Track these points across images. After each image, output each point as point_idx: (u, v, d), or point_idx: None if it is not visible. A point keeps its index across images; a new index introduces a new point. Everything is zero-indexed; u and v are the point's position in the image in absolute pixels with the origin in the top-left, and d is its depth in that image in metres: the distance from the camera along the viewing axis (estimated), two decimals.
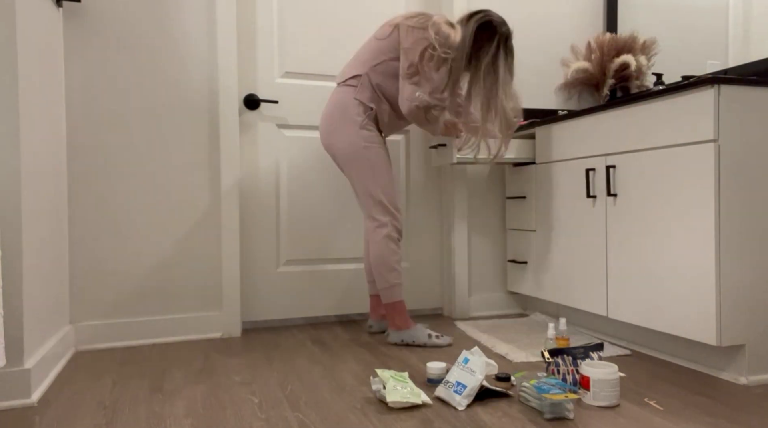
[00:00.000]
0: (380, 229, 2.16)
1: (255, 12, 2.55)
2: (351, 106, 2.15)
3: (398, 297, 2.18)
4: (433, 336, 2.18)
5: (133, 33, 2.29)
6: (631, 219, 2.00)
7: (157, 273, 2.33)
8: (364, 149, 2.15)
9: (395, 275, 2.17)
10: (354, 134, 2.14)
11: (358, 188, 2.19)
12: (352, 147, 2.14)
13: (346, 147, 2.15)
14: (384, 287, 2.17)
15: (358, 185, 2.18)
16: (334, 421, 1.45)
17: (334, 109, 2.18)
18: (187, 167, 2.37)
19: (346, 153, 2.16)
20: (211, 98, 2.41)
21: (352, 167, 2.17)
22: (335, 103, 2.19)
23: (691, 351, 1.90)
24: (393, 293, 2.18)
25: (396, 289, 2.18)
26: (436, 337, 2.18)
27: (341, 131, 2.16)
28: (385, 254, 2.15)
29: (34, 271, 1.73)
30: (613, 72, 2.78)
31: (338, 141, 2.17)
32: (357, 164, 2.15)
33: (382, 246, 2.15)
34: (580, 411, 1.50)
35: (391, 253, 2.16)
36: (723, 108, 1.69)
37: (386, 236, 2.16)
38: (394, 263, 2.17)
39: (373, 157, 2.16)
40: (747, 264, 1.73)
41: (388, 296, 2.18)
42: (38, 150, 1.81)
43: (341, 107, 2.16)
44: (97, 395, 1.67)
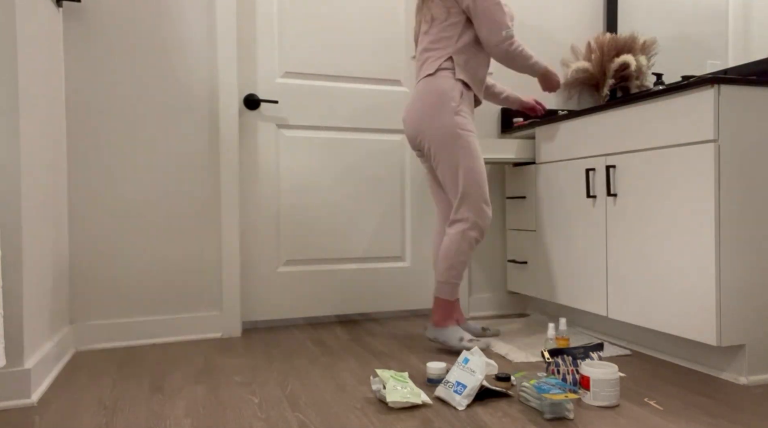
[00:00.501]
0: (459, 224, 2.08)
1: (255, 12, 2.55)
2: (448, 90, 2.06)
3: (448, 296, 2.10)
4: (465, 340, 2.06)
5: (133, 33, 2.29)
6: (631, 219, 2.00)
7: (157, 273, 2.33)
8: (459, 137, 2.05)
9: (454, 274, 2.08)
10: (449, 120, 2.04)
11: (448, 178, 2.08)
12: (447, 134, 2.04)
13: (440, 133, 2.05)
14: (441, 280, 2.09)
15: (449, 176, 2.08)
16: (334, 421, 1.45)
17: (426, 95, 2.08)
18: (187, 167, 2.37)
19: (439, 140, 2.06)
20: (211, 98, 2.41)
21: (443, 154, 2.06)
22: (428, 91, 2.08)
23: (691, 351, 1.90)
24: (444, 290, 2.09)
25: (449, 288, 2.09)
26: (468, 341, 2.06)
27: (434, 117, 2.06)
28: (453, 251, 2.06)
29: (34, 271, 1.73)
30: (613, 72, 2.78)
31: (430, 127, 2.06)
32: (450, 154, 2.05)
33: (455, 242, 2.07)
34: (580, 411, 1.50)
35: (461, 253, 2.06)
36: (723, 108, 1.69)
37: (462, 232, 2.06)
38: (459, 264, 2.07)
39: (470, 146, 2.07)
40: (747, 264, 1.73)
41: (439, 290, 2.10)
42: (38, 150, 1.81)
43: (437, 92, 2.06)
44: (97, 395, 1.67)
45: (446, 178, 2.10)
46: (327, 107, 2.65)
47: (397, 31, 2.76)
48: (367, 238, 2.73)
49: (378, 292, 2.74)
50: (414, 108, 2.13)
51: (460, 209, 2.08)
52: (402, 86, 2.78)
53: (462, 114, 2.07)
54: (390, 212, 2.76)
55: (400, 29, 2.76)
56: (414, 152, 2.31)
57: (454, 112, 2.06)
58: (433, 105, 2.07)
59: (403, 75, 2.78)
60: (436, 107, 2.06)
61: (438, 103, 2.06)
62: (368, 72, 2.71)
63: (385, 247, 2.76)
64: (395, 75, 2.76)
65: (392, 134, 2.77)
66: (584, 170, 2.23)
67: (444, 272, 2.09)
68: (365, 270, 2.72)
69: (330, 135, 2.67)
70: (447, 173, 2.09)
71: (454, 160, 2.06)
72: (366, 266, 2.73)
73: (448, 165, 2.07)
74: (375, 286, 2.74)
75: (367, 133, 2.72)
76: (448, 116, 2.05)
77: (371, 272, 2.73)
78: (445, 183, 2.12)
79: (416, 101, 2.12)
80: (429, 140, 2.09)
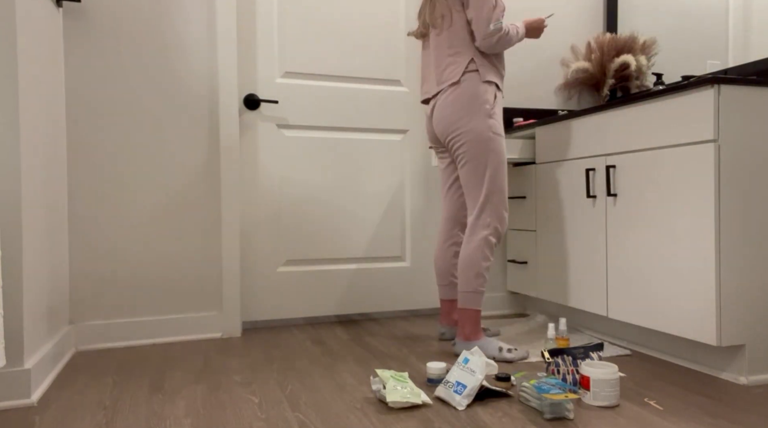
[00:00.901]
0: (482, 230, 2.04)
1: (255, 12, 2.55)
2: (481, 93, 2.03)
3: (477, 306, 2.03)
4: (504, 350, 1.99)
5: (132, 33, 2.29)
6: (631, 219, 2.00)
7: (157, 273, 2.33)
8: (490, 140, 2.03)
9: (481, 282, 2.03)
10: (482, 123, 2.02)
11: (472, 180, 2.05)
12: (480, 136, 2.02)
13: (473, 136, 2.02)
14: (466, 290, 2.03)
15: (474, 178, 2.04)
16: (334, 421, 1.45)
17: (458, 97, 2.04)
18: (187, 166, 2.37)
19: (472, 141, 2.02)
20: (211, 98, 2.41)
21: (472, 157, 2.03)
22: (459, 94, 2.04)
23: (691, 351, 1.90)
24: (473, 300, 2.03)
25: (478, 297, 2.03)
26: (507, 351, 1.99)
27: (468, 118, 2.02)
28: (478, 258, 2.02)
29: (34, 271, 1.73)
30: (613, 72, 2.78)
31: (464, 128, 2.03)
32: (480, 156, 2.03)
33: (478, 249, 2.02)
34: (580, 411, 1.50)
35: (484, 258, 2.03)
36: (723, 108, 1.69)
37: (485, 238, 2.03)
38: (484, 269, 2.03)
39: (499, 150, 2.05)
40: (747, 264, 1.73)
41: (467, 301, 2.03)
42: (38, 150, 1.81)
43: (469, 94, 2.03)
44: (97, 395, 1.67)
45: (470, 180, 2.06)
46: (327, 107, 2.65)
47: (397, 31, 2.75)
48: (367, 238, 2.73)
49: (378, 292, 2.74)
50: (444, 108, 2.07)
51: (482, 214, 2.04)
52: (402, 86, 2.78)
53: (495, 117, 2.06)
54: (390, 212, 2.76)
55: (400, 29, 2.76)
56: (433, 148, 2.28)
57: (488, 114, 2.03)
58: (465, 106, 2.03)
59: (403, 75, 2.78)
60: (468, 108, 2.02)
61: (472, 105, 2.02)
62: (368, 72, 2.72)
63: (385, 247, 2.76)
64: (395, 75, 2.76)
65: (392, 134, 2.77)
66: (584, 170, 2.23)
67: (472, 280, 2.03)
68: (365, 270, 2.72)
69: (330, 135, 2.67)
70: (472, 175, 2.05)
71: (483, 163, 2.03)
72: (366, 266, 2.73)
73: (476, 168, 2.04)
74: (375, 286, 2.74)
75: (367, 133, 2.72)
76: (483, 118, 2.02)
77: (371, 272, 2.73)
78: (467, 185, 2.08)
79: (446, 103, 2.07)
80: (461, 139, 2.04)
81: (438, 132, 2.13)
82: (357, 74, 2.70)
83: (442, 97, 2.09)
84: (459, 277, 2.06)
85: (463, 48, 2.07)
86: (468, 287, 2.03)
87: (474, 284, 2.02)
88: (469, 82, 2.04)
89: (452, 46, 2.08)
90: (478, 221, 2.05)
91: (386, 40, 2.74)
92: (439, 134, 2.13)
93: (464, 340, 2.04)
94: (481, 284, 2.03)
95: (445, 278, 2.26)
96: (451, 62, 2.08)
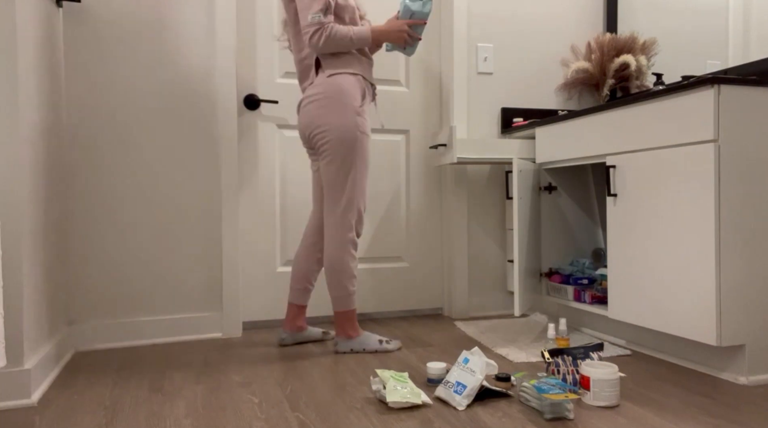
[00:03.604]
0: (346, 232, 2.02)
1: (255, 12, 2.55)
2: (345, 86, 1.98)
3: (353, 306, 2.08)
4: (383, 342, 2.10)
5: (133, 32, 2.29)
6: (631, 219, 2.00)
7: (157, 273, 2.33)
8: (357, 139, 1.98)
9: (354, 282, 2.06)
10: (349, 120, 1.97)
11: (334, 179, 2.00)
12: (344, 134, 1.97)
13: (337, 133, 1.97)
14: (341, 294, 2.05)
15: (337, 177, 2.00)
16: (334, 421, 1.45)
17: (323, 92, 1.98)
18: (187, 166, 2.37)
19: (335, 139, 1.97)
20: (211, 98, 2.41)
21: (335, 156, 1.98)
22: (324, 89, 1.98)
23: (691, 351, 1.90)
24: (348, 302, 2.06)
25: (352, 298, 2.07)
26: (386, 342, 2.11)
27: (332, 114, 1.97)
28: (347, 259, 2.02)
29: (34, 271, 1.73)
30: (613, 72, 2.78)
31: (327, 124, 1.97)
32: (343, 155, 1.98)
33: (344, 250, 2.02)
34: (580, 411, 1.50)
35: (352, 258, 2.04)
36: (723, 108, 1.69)
37: (351, 240, 2.02)
38: (354, 269, 2.05)
39: (364, 150, 2.02)
40: (747, 264, 1.73)
41: (344, 304, 2.06)
42: (38, 150, 1.81)
43: (334, 89, 1.98)
44: (97, 395, 1.67)
45: (332, 179, 2.01)
46: None
47: None
48: (367, 238, 2.73)
49: (378, 292, 2.74)
50: (308, 105, 2.02)
51: (346, 215, 2.02)
52: (402, 86, 2.78)
53: (363, 115, 2.02)
54: (390, 212, 2.76)
55: None
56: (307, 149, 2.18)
57: (355, 111, 1.99)
58: (330, 101, 1.97)
59: (403, 75, 2.78)
60: (333, 103, 1.97)
61: (335, 100, 1.97)
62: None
63: (385, 247, 2.76)
64: (395, 75, 2.76)
65: (392, 134, 2.77)
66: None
67: (345, 283, 2.04)
68: (365, 270, 2.72)
69: None
70: (336, 175, 2.00)
71: (346, 164, 1.99)
72: (366, 266, 2.73)
73: (340, 167, 1.99)
74: (375, 286, 2.74)
75: None
76: (351, 116, 1.97)
77: (371, 272, 2.73)
78: (328, 183, 2.02)
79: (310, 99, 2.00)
80: (325, 137, 1.99)
81: (302, 129, 2.08)
82: None
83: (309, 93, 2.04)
84: (329, 281, 2.05)
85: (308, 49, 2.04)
86: (342, 291, 2.05)
87: (348, 287, 2.05)
88: (337, 78, 1.98)
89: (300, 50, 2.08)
90: (341, 222, 2.02)
91: None
92: (303, 130, 2.07)
93: (346, 338, 2.09)
94: (353, 284, 2.06)
95: (301, 282, 2.20)
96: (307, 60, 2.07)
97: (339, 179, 2.01)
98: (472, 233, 2.80)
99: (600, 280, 2.34)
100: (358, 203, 2.04)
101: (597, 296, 2.24)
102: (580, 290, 2.31)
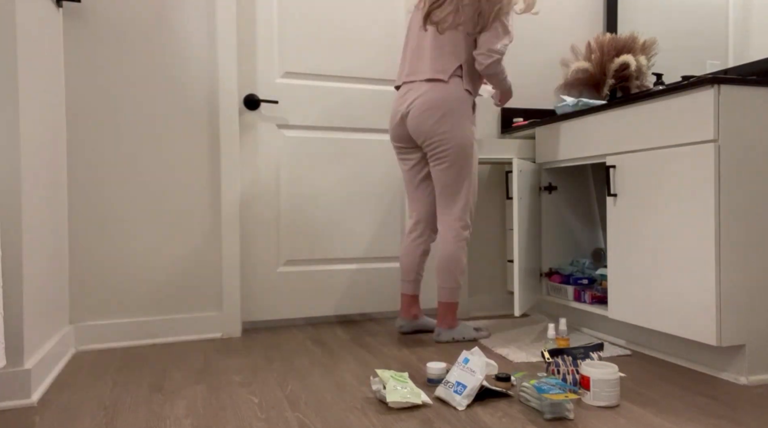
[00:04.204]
0: (463, 230, 2.19)
1: (255, 12, 2.55)
2: (464, 99, 2.13)
3: (458, 298, 2.24)
4: (478, 331, 2.28)
5: (133, 33, 2.29)
6: (631, 219, 2.00)
7: (157, 273, 2.33)
8: (472, 147, 2.15)
9: (463, 278, 2.23)
10: (468, 130, 2.14)
11: (452, 183, 2.17)
12: (464, 142, 2.13)
13: (458, 141, 2.12)
14: (451, 286, 2.20)
15: (454, 182, 2.16)
16: (334, 421, 1.45)
17: (443, 99, 2.11)
18: (187, 166, 2.37)
19: (457, 147, 2.12)
20: (211, 98, 2.41)
21: (455, 162, 2.14)
22: (444, 95, 2.11)
23: (691, 351, 1.90)
24: (456, 294, 2.22)
25: (458, 291, 2.22)
26: (480, 331, 2.28)
27: (455, 122, 2.11)
28: (460, 255, 2.18)
29: (34, 271, 1.73)
30: (613, 72, 2.78)
31: (449, 132, 2.11)
32: (462, 161, 2.14)
33: (459, 247, 2.18)
34: (580, 411, 1.50)
35: (465, 255, 2.20)
36: (723, 108, 1.69)
37: (465, 238, 2.19)
38: (464, 265, 2.21)
39: (476, 157, 2.19)
40: (747, 264, 1.73)
41: (452, 296, 2.21)
42: (38, 150, 1.81)
43: (454, 98, 2.11)
44: (97, 395, 1.67)
45: (449, 182, 2.17)
46: (327, 107, 2.65)
47: (397, 31, 2.75)
48: (367, 238, 2.73)
49: (378, 292, 2.74)
50: (426, 107, 2.11)
51: (464, 216, 2.18)
52: None
53: (474, 124, 2.19)
54: (390, 212, 2.76)
55: (401, 29, 2.76)
56: (398, 147, 2.30)
57: (471, 121, 2.16)
58: (451, 110, 2.11)
59: None
60: (454, 112, 2.11)
61: (455, 109, 2.11)
62: (368, 72, 2.71)
63: (385, 247, 2.76)
64: (395, 75, 2.76)
65: None
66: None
67: (457, 276, 2.20)
68: (365, 270, 2.72)
69: (330, 135, 2.67)
70: (452, 179, 2.16)
71: (464, 170, 2.16)
72: (366, 266, 2.73)
73: (457, 172, 2.15)
74: (375, 286, 2.74)
75: (367, 133, 2.72)
76: (469, 125, 2.14)
77: (371, 272, 2.73)
78: (444, 186, 2.18)
79: (430, 102, 2.11)
80: (445, 143, 2.12)
81: (417, 131, 2.17)
82: (357, 74, 2.70)
83: (422, 91, 2.13)
84: (440, 274, 2.21)
85: (456, 50, 2.13)
86: (452, 283, 2.20)
87: (458, 280, 2.21)
88: (455, 87, 2.13)
89: (448, 44, 2.14)
90: (459, 222, 2.19)
91: (386, 41, 2.74)
92: (416, 133, 2.17)
93: (447, 328, 2.24)
94: (462, 279, 2.26)
95: (411, 274, 2.34)
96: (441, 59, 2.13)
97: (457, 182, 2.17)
98: (472, 233, 2.80)
99: (600, 280, 2.34)
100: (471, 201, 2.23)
101: (597, 296, 2.25)
102: (580, 290, 2.31)
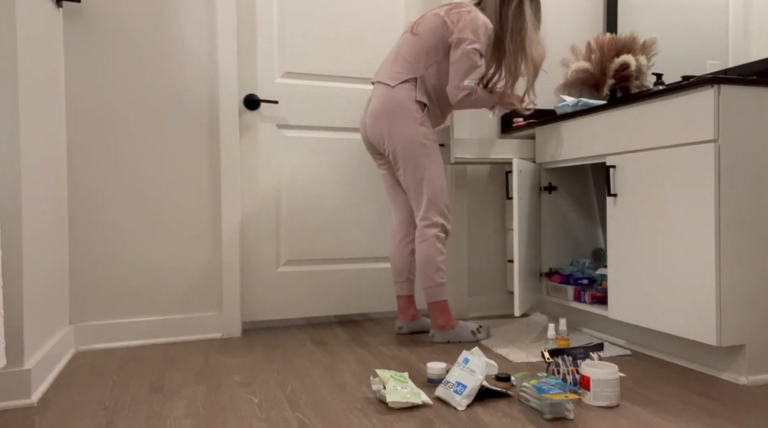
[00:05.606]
0: (430, 228, 2.17)
1: (255, 12, 2.55)
2: (411, 104, 2.15)
3: (443, 296, 2.20)
4: (476, 332, 2.24)
5: (133, 33, 2.29)
6: (631, 219, 2.00)
7: (157, 273, 2.33)
8: (422, 145, 2.15)
9: (441, 274, 2.19)
10: (414, 130, 2.14)
11: (411, 184, 2.18)
12: (412, 142, 2.14)
13: (406, 142, 2.14)
14: (430, 285, 2.18)
15: (413, 182, 2.18)
16: (334, 421, 1.45)
17: (392, 105, 2.16)
18: (187, 166, 2.37)
19: (405, 148, 2.15)
20: (211, 98, 2.41)
21: (408, 162, 2.16)
22: (393, 100, 2.16)
23: (691, 351, 1.90)
24: (439, 292, 2.19)
25: (442, 288, 2.19)
26: (479, 331, 2.25)
27: (401, 125, 2.15)
28: (433, 254, 2.17)
29: (34, 271, 1.73)
30: (613, 72, 2.78)
31: (396, 135, 2.15)
32: (414, 161, 2.15)
33: (431, 246, 2.17)
34: (580, 411, 1.50)
35: (438, 253, 2.17)
36: (723, 108, 1.69)
37: (435, 235, 2.17)
38: (441, 262, 2.18)
39: (431, 154, 2.17)
40: (747, 264, 1.73)
41: (433, 294, 2.19)
42: (38, 151, 1.81)
43: (400, 103, 2.15)
44: (97, 395, 1.67)
45: (410, 184, 2.19)
46: (327, 107, 2.65)
47: (397, 32, 2.75)
48: (367, 238, 2.73)
49: (378, 292, 2.74)
50: (378, 115, 2.19)
51: (428, 214, 2.18)
52: None
53: (426, 125, 2.18)
54: (390, 212, 2.76)
55: (401, 29, 2.76)
56: (369, 153, 2.37)
57: (419, 122, 2.15)
58: (398, 114, 2.15)
59: None
60: (400, 116, 2.14)
61: (401, 113, 2.14)
62: (369, 72, 2.71)
63: (385, 247, 2.76)
64: None
65: None
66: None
67: (433, 276, 2.18)
68: (365, 270, 2.72)
69: (330, 135, 2.67)
70: (411, 180, 2.18)
71: (418, 169, 2.16)
72: (366, 266, 2.73)
73: (412, 172, 2.17)
74: (375, 286, 2.74)
75: None
76: (414, 126, 2.15)
77: (371, 272, 2.73)
78: (408, 189, 2.21)
79: (380, 109, 2.18)
80: (394, 146, 2.16)
81: (373, 139, 2.25)
82: (357, 74, 2.70)
83: (374, 93, 2.21)
84: (419, 275, 2.20)
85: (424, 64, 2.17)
86: (430, 282, 2.19)
87: (435, 279, 2.18)
88: (405, 92, 2.16)
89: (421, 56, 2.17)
90: (424, 221, 2.19)
91: (386, 41, 2.74)
92: (375, 141, 2.24)
93: (440, 330, 2.22)
94: (441, 276, 2.19)
95: (402, 274, 2.35)
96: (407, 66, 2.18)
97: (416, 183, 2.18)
98: (472, 233, 2.80)
99: (600, 280, 2.34)
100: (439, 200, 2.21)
101: (597, 296, 2.25)
102: (580, 290, 2.31)
